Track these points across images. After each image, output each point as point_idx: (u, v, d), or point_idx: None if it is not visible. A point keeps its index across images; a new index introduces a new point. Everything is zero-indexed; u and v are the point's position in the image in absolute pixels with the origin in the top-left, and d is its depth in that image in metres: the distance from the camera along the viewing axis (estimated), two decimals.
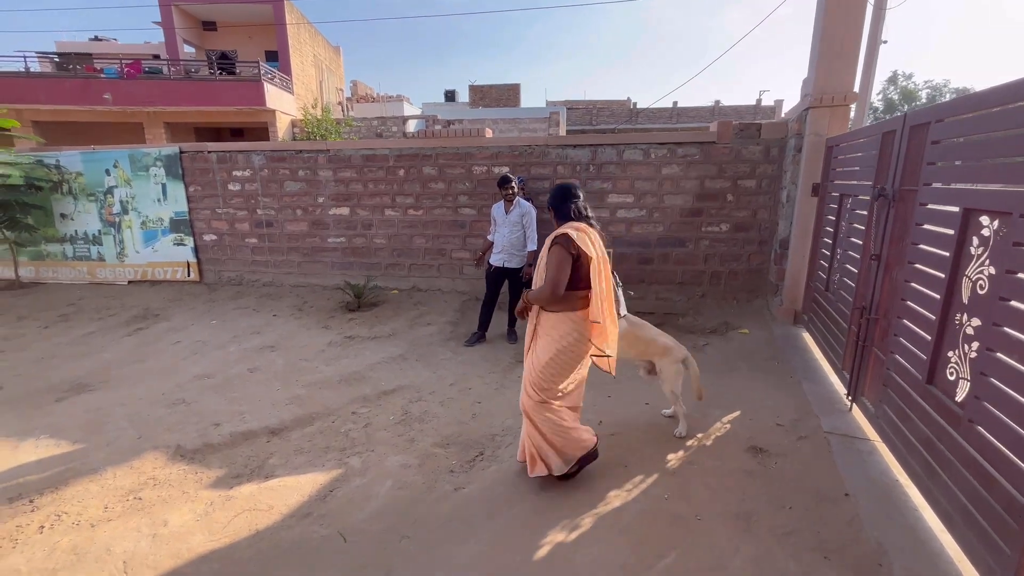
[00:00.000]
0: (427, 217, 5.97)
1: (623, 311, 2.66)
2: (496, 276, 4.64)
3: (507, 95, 26.56)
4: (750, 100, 31.58)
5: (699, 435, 2.90)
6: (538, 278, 2.44)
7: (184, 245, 6.68)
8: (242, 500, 2.48)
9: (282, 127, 15.04)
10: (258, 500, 2.47)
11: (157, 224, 6.69)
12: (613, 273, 2.49)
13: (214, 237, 6.61)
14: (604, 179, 5.42)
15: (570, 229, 2.27)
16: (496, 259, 4.58)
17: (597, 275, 2.24)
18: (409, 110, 21.39)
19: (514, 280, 4.57)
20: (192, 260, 6.70)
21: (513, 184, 4.45)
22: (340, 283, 6.16)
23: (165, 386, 3.79)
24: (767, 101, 26.46)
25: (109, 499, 2.51)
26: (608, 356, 2.38)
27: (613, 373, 2.46)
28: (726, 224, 5.28)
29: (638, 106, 26.54)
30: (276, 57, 16.38)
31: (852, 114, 4.79)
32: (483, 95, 26.41)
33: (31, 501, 2.50)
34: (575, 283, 2.26)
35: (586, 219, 2.38)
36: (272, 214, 6.37)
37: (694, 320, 5.09)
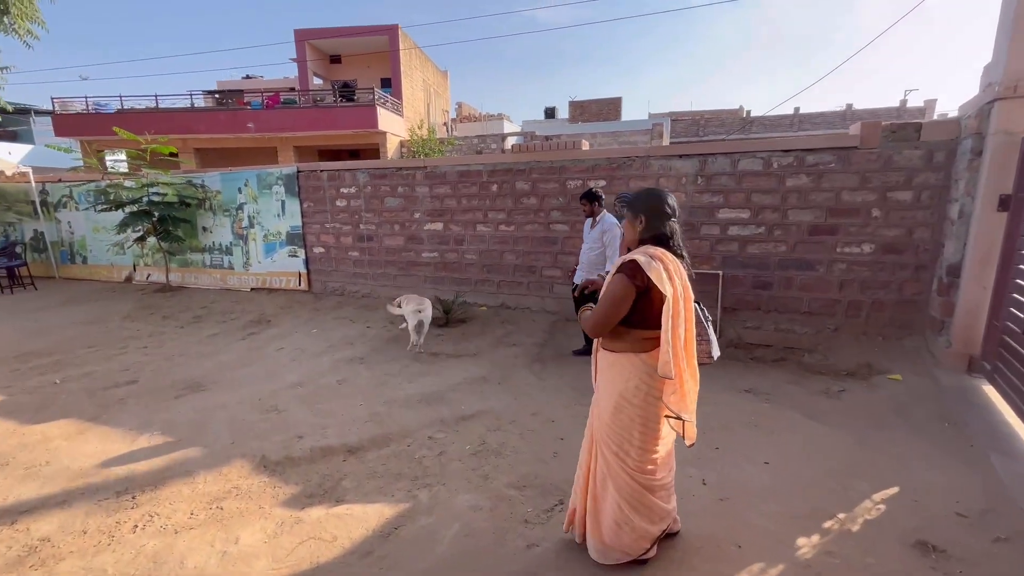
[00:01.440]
0: (518, 233, 5.79)
1: (716, 353, 1.99)
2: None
3: (607, 109, 26.07)
4: (890, 102, 27.65)
5: (840, 515, 2.27)
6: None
7: (297, 257, 7.22)
8: (310, 525, 2.39)
9: (391, 147, 16.09)
10: (324, 527, 2.36)
11: (276, 237, 7.32)
12: (698, 305, 1.93)
13: (322, 250, 7.06)
14: (715, 192, 4.83)
15: (641, 255, 1.77)
16: (577, 276, 4.32)
17: (673, 318, 1.72)
18: (509, 127, 21.85)
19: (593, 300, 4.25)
20: (303, 271, 7.22)
21: (597, 198, 4.18)
22: (432, 297, 6.19)
23: (263, 391, 3.97)
24: (914, 101, 22.90)
25: (196, 505, 2.57)
26: (685, 420, 1.85)
27: (692, 441, 1.91)
28: (870, 244, 4.40)
29: (751, 114, 24.50)
30: (390, 83, 17.70)
31: None
32: (583, 110, 26.20)
33: (133, 498, 2.64)
34: (643, 321, 1.81)
35: (669, 244, 1.84)
36: (372, 229, 6.64)
37: (824, 359, 4.27)
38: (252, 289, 7.57)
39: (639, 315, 1.81)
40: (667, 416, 1.89)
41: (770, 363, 4.23)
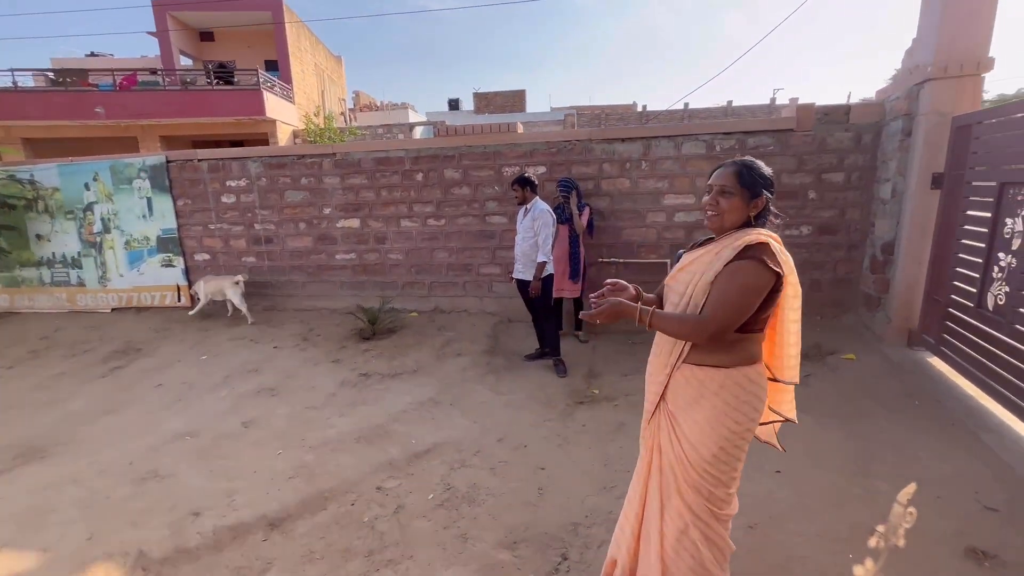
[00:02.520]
0: (450, 227, 5.16)
1: None
2: (521, 289, 4.01)
3: (512, 101, 25.90)
4: (761, 99, 30.84)
5: (879, 528, 2.04)
6: (677, 296, 1.51)
7: (173, 266, 5.90)
8: None
9: (283, 137, 14.36)
10: None
11: (143, 243, 5.92)
12: None
13: (207, 256, 5.83)
14: (659, 177, 4.61)
15: (767, 238, 1.37)
16: (515, 271, 3.98)
17: (790, 312, 1.47)
18: (414, 117, 20.77)
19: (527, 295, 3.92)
20: (182, 283, 5.92)
21: (529, 183, 3.80)
22: (351, 305, 5.36)
23: (135, 450, 2.98)
24: (781, 99, 25.68)
25: None
26: (786, 420, 1.67)
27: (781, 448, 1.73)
28: (807, 227, 4.45)
29: (647, 108, 25.85)
30: (276, 67, 15.77)
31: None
32: (488, 102, 25.76)
33: None
34: (752, 322, 1.40)
35: (772, 223, 1.49)
36: (272, 228, 5.59)
37: None
38: (113, 309, 6.07)
39: (755, 314, 1.37)
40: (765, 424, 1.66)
41: None
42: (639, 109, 26.86)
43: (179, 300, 5.95)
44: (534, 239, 3.75)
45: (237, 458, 2.85)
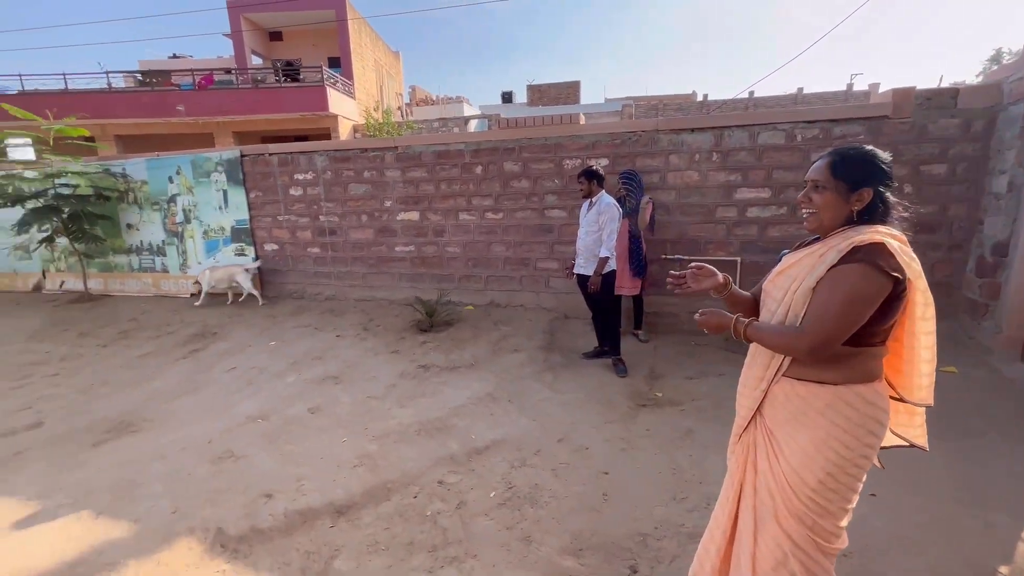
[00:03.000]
0: (508, 221, 5.11)
1: None
2: (581, 285, 3.90)
3: (567, 93, 25.51)
4: (837, 86, 28.69)
5: (1002, 568, 1.79)
6: (774, 303, 1.36)
7: (245, 255, 6.22)
8: None
9: (344, 132, 14.85)
10: None
11: (219, 233, 6.28)
12: None
13: (275, 247, 6.10)
14: (732, 170, 4.33)
15: (883, 237, 1.20)
16: (578, 266, 3.87)
17: (922, 323, 1.26)
18: (469, 111, 20.91)
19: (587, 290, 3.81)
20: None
21: (597, 176, 3.68)
22: (409, 297, 5.44)
23: (213, 429, 3.14)
24: (860, 85, 23.73)
25: None
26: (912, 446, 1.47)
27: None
28: (901, 224, 4.04)
29: (708, 98, 24.69)
30: (339, 64, 16.31)
31: None
32: (542, 94, 25.50)
33: None
34: (868, 334, 1.22)
35: (895, 219, 1.29)
36: (335, 220, 5.76)
37: None
38: (192, 295, 6.50)
39: (874, 324, 1.21)
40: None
41: None
42: (699, 99, 25.70)
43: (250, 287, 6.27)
44: (598, 233, 3.63)
45: (304, 443, 2.94)
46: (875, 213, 1.27)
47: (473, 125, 15.68)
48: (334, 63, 16.64)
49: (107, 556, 2.10)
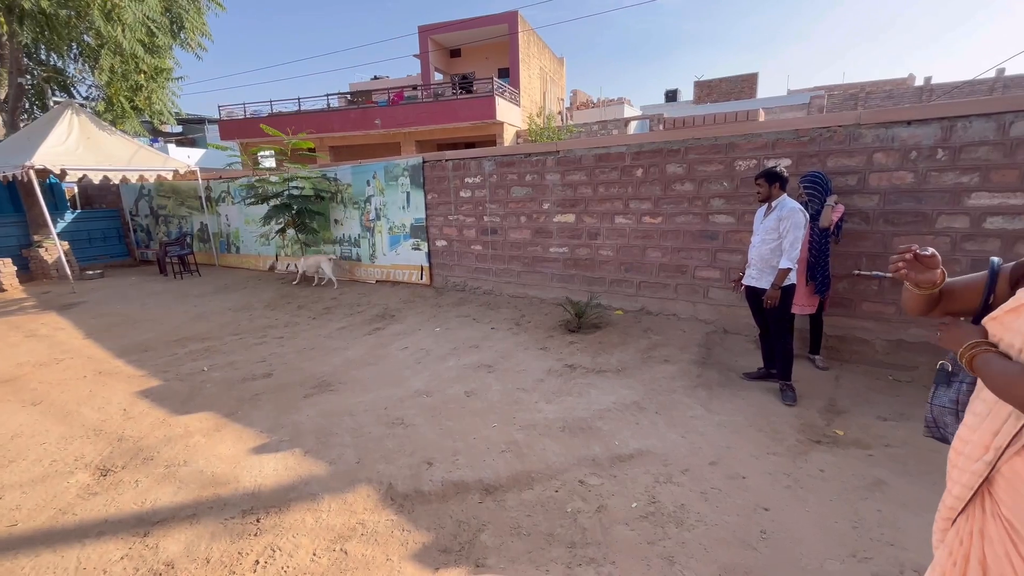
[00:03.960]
0: (666, 225, 4.89)
1: None
2: (751, 299, 3.55)
3: (740, 87, 23.27)
4: None
5: None
6: (1014, 351, 1.01)
7: (420, 250, 7.05)
8: None
9: (508, 138, 15.81)
10: None
11: (401, 230, 7.22)
12: None
13: (444, 243, 6.79)
14: (964, 170, 3.50)
15: None
16: (746, 276, 3.52)
17: None
18: (630, 112, 20.48)
19: (759, 306, 3.44)
20: (425, 264, 7.04)
21: (779, 177, 3.28)
22: (559, 297, 5.57)
23: (388, 398, 3.64)
24: None
25: (319, 543, 2.20)
26: None
27: None
28: None
29: (932, 82, 20.19)
30: (508, 74, 17.42)
31: None
32: (711, 90, 23.71)
33: (258, 520, 2.36)
34: None
35: None
36: (497, 221, 6.18)
37: None
38: (377, 281, 7.60)
39: None
40: None
41: None
42: (918, 84, 21.21)
43: (421, 278, 7.09)
44: (777, 242, 3.26)
45: (460, 421, 3.24)
46: None
47: (633, 127, 15.32)
48: (503, 73, 17.82)
49: (311, 487, 2.60)
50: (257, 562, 2.11)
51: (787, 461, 2.69)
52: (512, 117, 16.08)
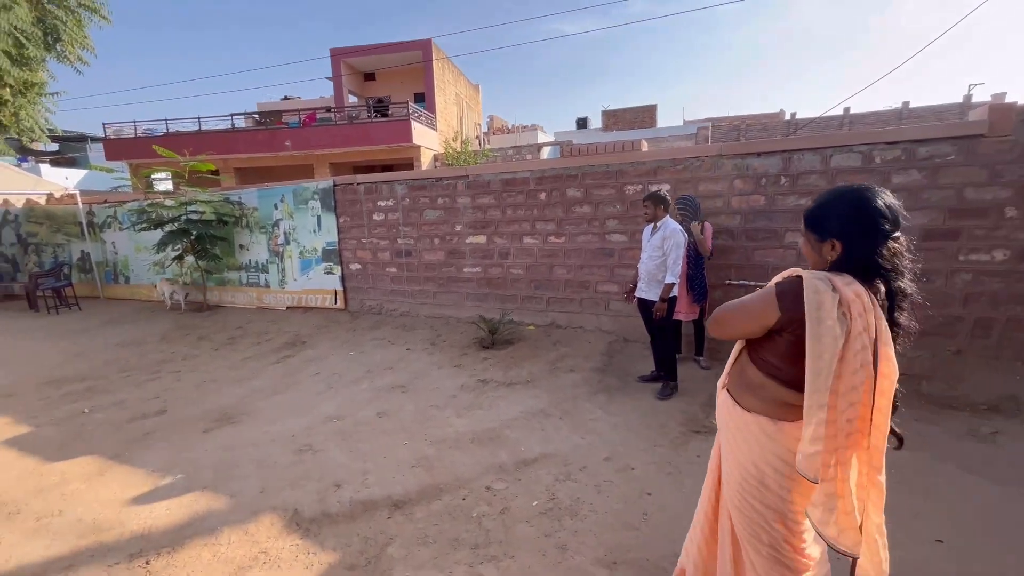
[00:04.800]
0: (570, 245, 5.28)
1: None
2: (641, 309, 3.96)
3: (642, 117, 25.39)
4: (951, 98, 25.90)
5: None
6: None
7: (333, 274, 6.92)
8: None
9: (425, 161, 15.94)
10: None
11: (312, 254, 7.05)
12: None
13: (359, 266, 6.73)
14: (802, 194, 4.19)
15: (814, 275, 1.23)
16: (638, 289, 3.94)
17: (833, 380, 1.19)
18: (543, 138, 21.51)
19: (649, 315, 3.84)
20: (339, 288, 6.91)
21: (663, 201, 3.78)
22: (474, 316, 5.74)
23: (297, 426, 3.56)
24: (980, 96, 21.22)
25: None
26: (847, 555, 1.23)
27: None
28: (1003, 250, 3.67)
29: (797, 116, 23.35)
30: (424, 98, 17.65)
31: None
32: (617, 119, 25.61)
33: (147, 563, 2.24)
34: (791, 376, 1.29)
35: (875, 280, 1.24)
36: (411, 243, 6.27)
37: (949, 388, 3.55)
38: (288, 308, 7.31)
39: (784, 362, 1.32)
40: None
41: None
42: (787, 117, 24.39)
43: (335, 303, 6.94)
44: (662, 259, 3.69)
45: (371, 443, 3.26)
46: (856, 266, 1.25)
47: (546, 152, 16.14)
48: (420, 98, 18.03)
49: (209, 523, 2.50)
50: None
51: (671, 451, 3.03)
52: (429, 141, 16.28)
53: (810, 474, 1.22)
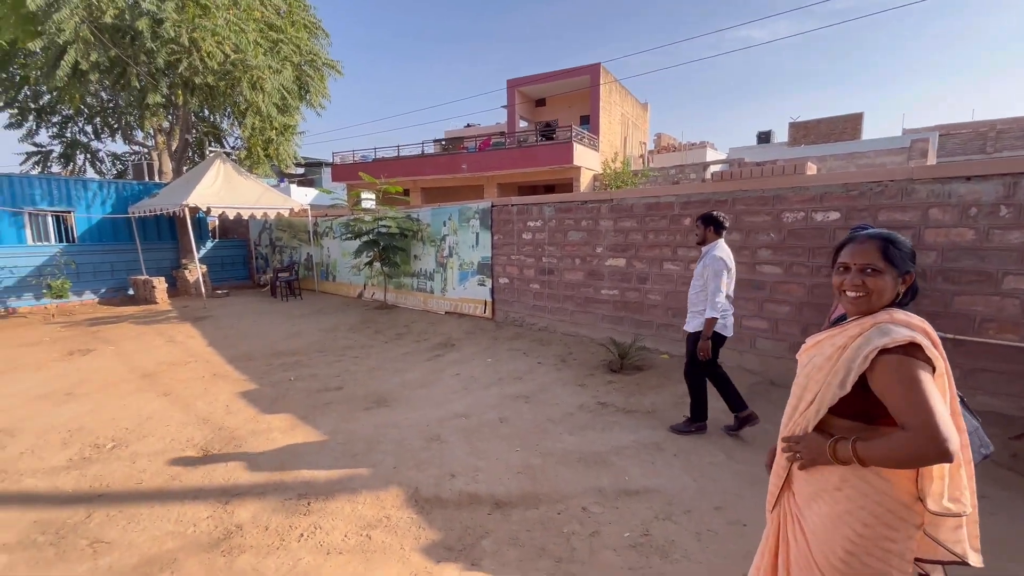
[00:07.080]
0: None
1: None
2: (687, 342, 3.63)
3: (842, 128, 21.89)
4: None
5: None
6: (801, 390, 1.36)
7: (484, 286, 7.62)
8: None
9: (584, 181, 16.33)
10: None
11: (469, 267, 7.88)
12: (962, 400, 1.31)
13: (506, 280, 7.30)
14: None
15: (908, 328, 1.20)
16: (688, 322, 3.62)
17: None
18: (712, 155, 20.15)
19: (692, 349, 3.49)
20: (488, 299, 7.58)
21: (714, 222, 3.43)
22: (606, 338, 5.76)
23: (432, 416, 4.09)
24: None
25: (351, 527, 2.64)
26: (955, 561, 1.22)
27: None
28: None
29: None
30: (589, 120, 18.15)
31: None
32: (807, 132, 22.55)
33: (308, 504, 2.87)
34: (883, 413, 1.20)
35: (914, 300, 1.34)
36: (554, 262, 6.58)
37: None
38: (446, 312, 8.27)
39: (869, 408, 1.23)
40: (926, 561, 1.25)
41: None
42: None
43: (484, 312, 7.63)
44: (703, 288, 3.40)
45: (488, 443, 3.58)
46: (908, 296, 1.31)
47: (712, 170, 15.10)
48: (585, 120, 18.57)
49: (353, 483, 3.08)
50: (302, 535, 2.59)
51: None
52: (590, 161, 16.64)
53: (942, 506, 1.19)
